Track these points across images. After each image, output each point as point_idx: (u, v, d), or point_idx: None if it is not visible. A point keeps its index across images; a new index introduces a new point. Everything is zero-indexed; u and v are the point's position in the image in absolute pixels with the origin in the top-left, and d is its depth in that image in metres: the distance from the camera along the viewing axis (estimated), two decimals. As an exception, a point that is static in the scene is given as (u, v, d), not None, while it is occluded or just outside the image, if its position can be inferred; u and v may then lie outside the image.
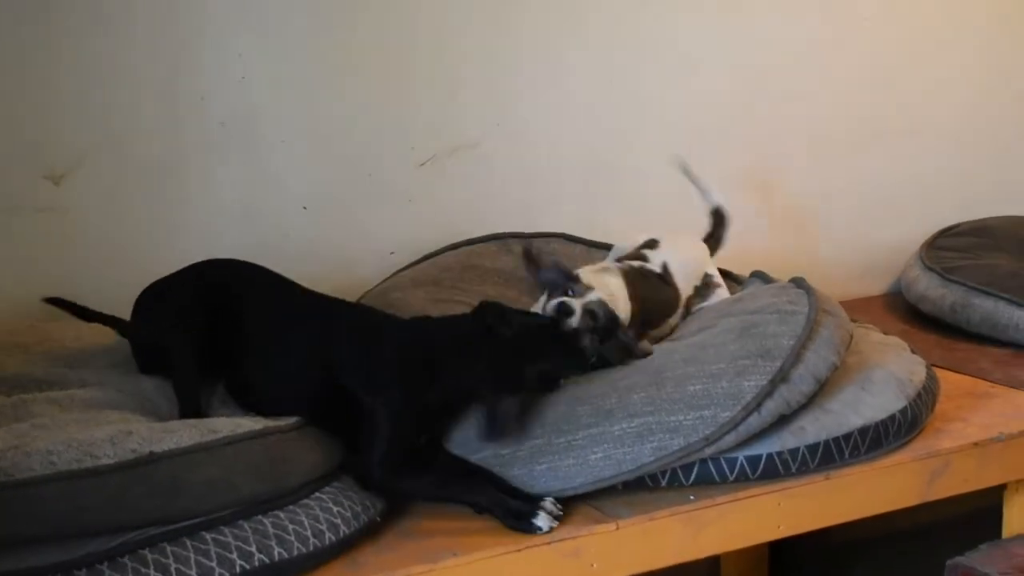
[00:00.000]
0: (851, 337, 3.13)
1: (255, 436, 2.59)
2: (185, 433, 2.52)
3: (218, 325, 2.91)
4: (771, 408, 2.84)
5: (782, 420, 2.88)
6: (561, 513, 2.72)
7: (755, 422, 2.83)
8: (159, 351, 2.94)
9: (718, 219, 3.75)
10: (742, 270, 3.69)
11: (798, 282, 3.25)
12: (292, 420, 2.72)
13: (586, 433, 2.80)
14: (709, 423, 2.80)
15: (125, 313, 3.09)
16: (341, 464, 2.77)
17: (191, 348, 2.90)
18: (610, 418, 2.81)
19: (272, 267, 3.08)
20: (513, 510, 2.68)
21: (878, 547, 4.29)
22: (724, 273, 3.66)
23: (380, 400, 2.76)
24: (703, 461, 2.86)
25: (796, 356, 2.90)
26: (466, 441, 2.86)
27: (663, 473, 2.84)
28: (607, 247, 3.89)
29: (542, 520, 2.66)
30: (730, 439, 2.82)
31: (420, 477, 2.78)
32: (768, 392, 2.84)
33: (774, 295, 3.17)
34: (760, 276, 3.53)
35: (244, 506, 2.50)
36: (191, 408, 2.83)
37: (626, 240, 3.59)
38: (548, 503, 2.72)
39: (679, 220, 4.17)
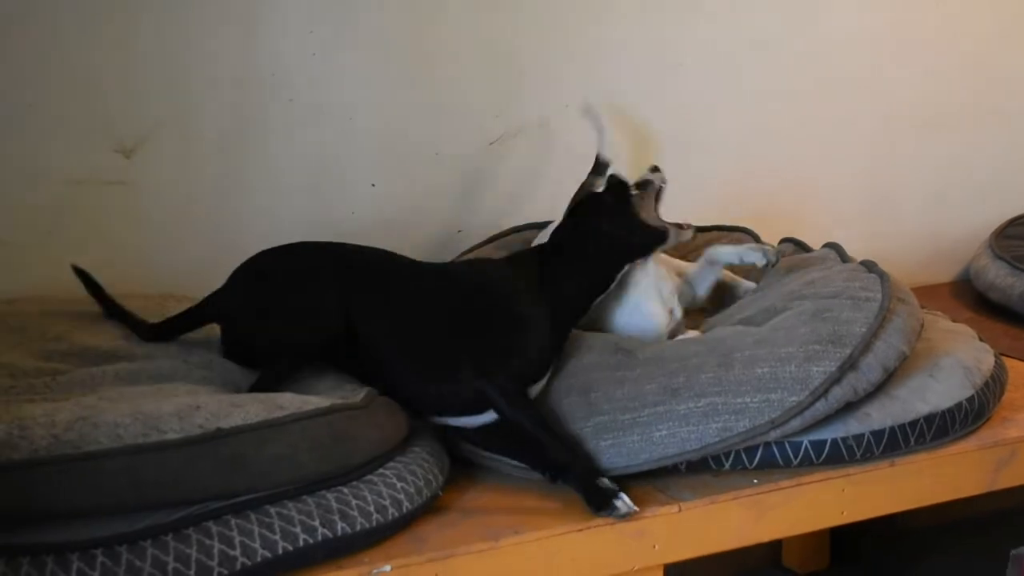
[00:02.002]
0: (922, 326, 3.11)
1: (322, 413, 2.59)
2: (252, 408, 2.52)
3: (351, 321, 2.89)
4: (838, 395, 2.83)
5: (848, 406, 2.88)
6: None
7: (822, 408, 2.82)
8: (278, 347, 2.89)
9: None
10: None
11: (870, 266, 3.22)
12: (360, 397, 2.72)
13: (652, 411, 2.80)
14: (776, 407, 2.79)
15: (193, 287, 3.10)
16: (406, 438, 2.78)
17: (317, 349, 2.90)
18: (676, 396, 2.81)
19: (339, 244, 3.10)
20: (597, 486, 2.67)
21: (941, 536, 4.27)
22: (797, 243, 3.64)
23: (526, 315, 2.90)
24: (767, 444, 2.86)
25: (867, 345, 2.89)
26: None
27: (727, 455, 2.84)
28: (677, 227, 3.88)
29: (621, 503, 2.64)
30: (796, 424, 2.81)
31: (532, 406, 2.82)
32: (836, 379, 2.83)
33: (847, 279, 3.14)
34: (835, 248, 3.48)
35: (308, 483, 2.52)
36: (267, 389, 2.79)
37: None
38: (604, 481, 2.72)
39: (746, 199, 4.18)
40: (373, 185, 3.73)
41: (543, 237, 3.45)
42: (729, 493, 2.80)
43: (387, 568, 2.47)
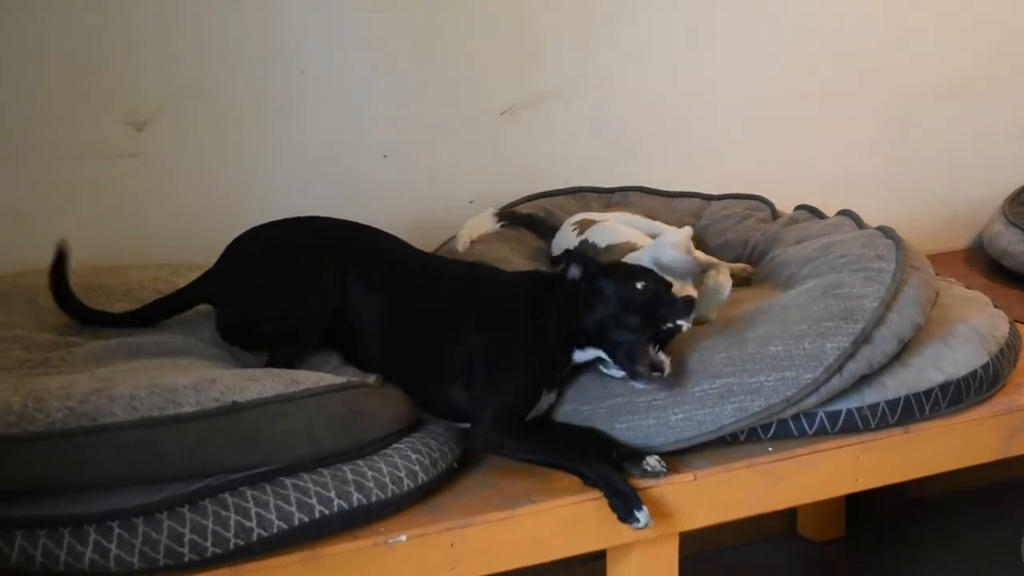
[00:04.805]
0: (936, 294, 3.09)
1: (338, 389, 2.58)
2: (268, 383, 2.52)
3: (345, 297, 2.85)
4: (853, 369, 2.83)
5: (863, 377, 2.87)
6: (664, 469, 2.71)
7: (837, 383, 2.82)
8: (278, 325, 2.86)
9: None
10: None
11: (887, 231, 3.20)
12: (372, 378, 2.71)
13: (667, 393, 2.78)
14: (791, 384, 2.78)
15: (206, 258, 3.09)
16: (421, 418, 2.77)
17: (319, 328, 2.85)
18: (691, 378, 2.80)
19: (351, 215, 3.08)
20: (620, 492, 2.60)
21: (956, 503, 4.26)
22: (812, 210, 3.62)
23: (509, 350, 2.77)
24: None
25: (880, 318, 2.88)
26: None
27: (741, 430, 2.83)
28: (689, 196, 3.88)
29: (643, 516, 2.58)
30: (811, 400, 2.81)
31: (533, 440, 2.74)
32: (850, 354, 2.82)
33: (863, 246, 3.12)
34: (850, 215, 3.46)
35: (324, 457, 2.52)
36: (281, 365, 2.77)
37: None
38: (653, 459, 2.71)
39: (761, 166, 4.17)
40: (385, 156, 3.73)
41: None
42: (744, 461, 2.80)
43: (403, 538, 2.47)
